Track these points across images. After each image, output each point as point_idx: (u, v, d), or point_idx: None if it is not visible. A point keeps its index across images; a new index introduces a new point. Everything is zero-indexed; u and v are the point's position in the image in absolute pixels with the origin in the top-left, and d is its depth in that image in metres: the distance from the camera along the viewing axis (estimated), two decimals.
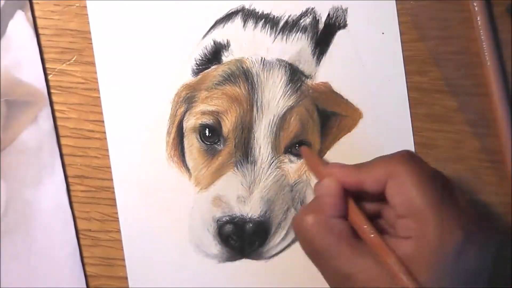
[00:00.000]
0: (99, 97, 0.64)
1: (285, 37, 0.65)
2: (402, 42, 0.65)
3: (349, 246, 0.53)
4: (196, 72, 0.65)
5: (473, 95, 0.66)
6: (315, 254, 0.55)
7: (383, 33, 0.65)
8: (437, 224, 0.51)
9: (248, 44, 0.65)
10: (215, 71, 0.64)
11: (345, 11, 0.65)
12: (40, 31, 0.64)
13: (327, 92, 0.65)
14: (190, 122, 0.64)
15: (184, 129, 0.65)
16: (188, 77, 0.64)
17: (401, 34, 0.65)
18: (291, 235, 0.64)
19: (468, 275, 0.51)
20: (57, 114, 0.64)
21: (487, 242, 0.52)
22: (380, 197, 0.54)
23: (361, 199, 0.56)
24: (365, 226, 0.54)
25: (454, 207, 0.52)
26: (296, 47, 0.65)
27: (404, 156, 0.55)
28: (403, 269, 0.50)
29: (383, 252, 0.52)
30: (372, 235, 0.53)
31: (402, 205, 0.52)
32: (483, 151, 0.66)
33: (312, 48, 0.65)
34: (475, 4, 0.65)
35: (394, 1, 0.65)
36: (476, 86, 0.66)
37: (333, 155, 0.64)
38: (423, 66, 0.65)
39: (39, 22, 0.64)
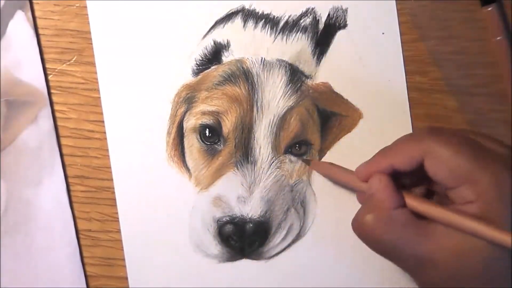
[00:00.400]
0: (99, 97, 0.64)
1: (285, 37, 0.65)
2: (402, 42, 0.65)
3: (416, 231, 0.54)
4: (196, 72, 0.65)
5: (473, 95, 0.66)
6: (387, 250, 0.55)
7: (383, 33, 0.65)
8: (490, 180, 0.52)
9: (248, 44, 0.65)
10: (215, 71, 0.64)
11: (345, 11, 0.65)
12: (40, 31, 0.64)
13: (327, 92, 0.65)
14: (190, 122, 0.64)
15: (184, 129, 0.65)
16: (188, 77, 0.64)
17: (401, 34, 0.65)
18: (291, 235, 0.64)
19: None
20: (57, 114, 0.64)
21: None
22: (416, 176, 0.56)
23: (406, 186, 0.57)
24: (426, 203, 0.54)
25: (495, 157, 0.53)
26: (296, 47, 0.65)
27: (429, 132, 0.56)
28: (479, 220, 0.51)
29: (454, 217, 0.53)
30: (436, 207, 0.54)
31: (449, 177, 0.53)
32: None
33: (312, 48, 0.65)
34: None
35: (394, 1, 0.65)
36: (476, 86, 0.66)
37: (333, 155, 0.64)
38: (423, 66, 0.65)
39: (39, 22, 0.64)
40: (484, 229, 0.51)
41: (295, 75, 0.64)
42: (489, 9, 0.64)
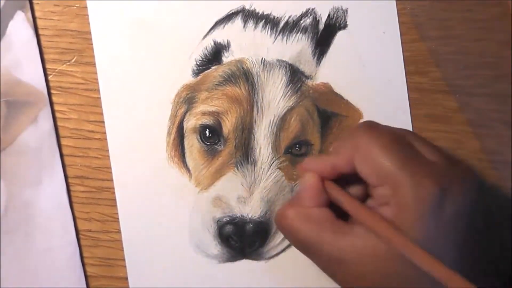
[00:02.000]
0: (99, 97, 0.64)
1: (285, 37, 0.65)
2: (402, 42, 0.66)
3: (332, 230, 0.54)
4: (197, 73, 0.65)
5: (473, 95, 0.66)
6: (302, 245, 0.56)
7: (384, 33, 0.65)
8: (410, 184, 0.51)
9: (249, 45, 0.65)
10: (215, 71, 0.65)
11: (345, 11, 0.65)
12: (40, 31, 0.65)
13: (328, 92, 0.65)
14: (191, 122, 0.64)
15: (184, 130, 0.65)
16: (188, 78, 0.65)
17: (401, 34, 0.65)
18: None
19: (452, 222, 0.52)
20: (57, 115, 0.64)
21: (466, 192, 0.53)
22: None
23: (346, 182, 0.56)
24: (346, 202, 0.54)
25: (423, 163, 0.53)
26: (296, 47, 0.65)
27: (363, 127, 0.56)
28: (391, 227, 0.51)
29: (369, 219, 0.52)
30: (354, 202, 0.54)
31: (372, 175, 0.53)
32: (483, 152, 0.66)
33: (313, 48, 0.65)
34: None
35: (394, 1, 0.66)
36: (476, 86, 0.66)
37: None
38: (423, 67, 0.66)
39: (39, 22, 0.64)
40: (386, 233, 0.51)
41: (295, 76, 0.65)
42: None
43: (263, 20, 0.65)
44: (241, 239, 0.63)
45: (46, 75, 0.64)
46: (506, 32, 0.65)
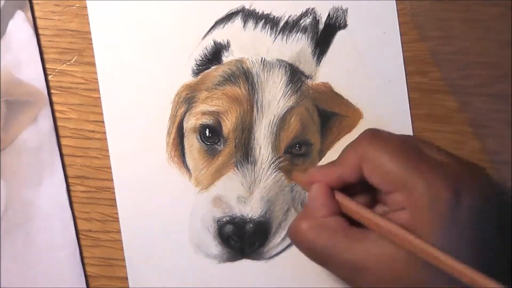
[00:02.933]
0: (99, 97, 0.64)
1: (285, 37, 0.65)
2: (402, 42, 0.66)
3: (347, 238, 0.54)
4: (197, 73, 0.65)
5: (473, 95, 0.66)
6: (319, 257, 0.55)
7: (384, 33, 0.65)
8: (424, 187, 0.51)
9: (248, 45, 0.65)
10: (215, 71, 0.65)
11: (345, 11, 0.65)
12: (40, 31, 0.65)
13: (328, 92, 0.65)
14: (191, 122, 0.65)
15: (184, 130, 0.65)
16: (188, 78, 0.65)
17: (401, 34, 0.65)
18: None
19: (468, 226, 0.52)
20: (57, 115, 0.64)
21: (480, 193, 0.53)
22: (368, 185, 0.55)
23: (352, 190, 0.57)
24: (358, 210, 0.54)
25: (433, 165, 0.53)
26: (296, 47, 0.65)
27: (368, 135, 0.56)
28: (406, 231, 0.51)
29: (382, 226, 0.52)
30: (367, 215, 0.54)
31: (384, 183, 0.53)
32: (483, 152, 0.66)
33: (312, 48, 0.65)
34: None
35: (394, 1, 0.66)
36: (476, 86, 0.66)
37: (333, 155, 0.64)
38: (423, 67, 0.66)
39: (39, 22, 0.65)
40: (406, 238, 0.51)
41: (295, 75, 0.65)
42: None
43: (263, 20, 0.65)
44: (241, 239, 0.63)
45: (46, 75, 0.64)
46: (506, 32, 0.65)
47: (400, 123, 0.65)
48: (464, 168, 0.54)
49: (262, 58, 0.65)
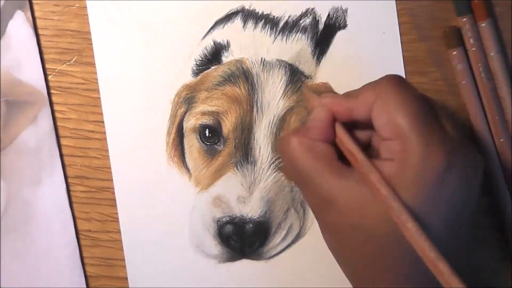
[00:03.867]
0: (99, 97, 0.64)
1: (285, 37, 0.65)
2: (402, 42, 0.65)
3: (330, 167, 0.53)
4: (196, 73, 0.65)
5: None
6: (297, 174, 0.55)
7: (384, 33, 0.65)
8: (420, 148, 0.51)
9: (248, 45, 0.65)
10: (215, 71, 0.65)
11: (345, 11, 0.65)
12: (40, 31, 0.65)
13: (327, 92, 0.65)
14: (190, 122, 0.65)
15: (184, 130, 0.65)
16: (188, 78, 0.65)
17: (401, 34, 0.65)
18: (291, 235, 0.64)
19: (450, 204, 0.51)
20: (57, 115, 0.64)
21: (471, 172, 0.52)
22: (371, 126, 0.55)
23: (354, 128, 0.56)
24: (349, 145, 0.54)
25: (439, 132, 0.52)
26: (296, 47, 0.65)
27: (391, 79, 0.55)
28: (385, 185, 0.50)
29: (365, 169, 0.52)
30: (355, 149, 0.53)
31: (386, 126, 0.52)
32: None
33: (312, 48, 0.65)
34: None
35: (394, 1, 0.65)
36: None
37: None
38: (423, 67, 0.66)
39: (39, 22, 0.65)
40: (382, 190, 0.50)
41: (295, 76, 0.65)
42: (454, 53, 0.64)
43: (263, 20, 0.65)
44: (241, 239, 0.63)
45: (46, 75, 0.64)
46: (506, 32, 0.65)
47: None
48: (467, 149, 0.53)
49: (262, 58, 0.65)
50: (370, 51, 0.65)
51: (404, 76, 0.65)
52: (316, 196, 0.54)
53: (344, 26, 0.65)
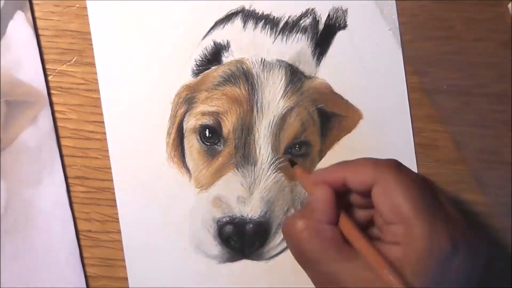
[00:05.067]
0: (99, 98, 0.64)
1: (285, 37, 0.65)
2: (402, 42, 0.66)
3: (338, 250, 0.54)
4: (196, 73, 0.65)
5: (473, 95, 0.66)
6: (304, 258, 0.55)
7: (384, 33, 0.66)
8: (425, 232, 0.51)
9: (248, 45, 0.65)
10: (215, 71, 0.65)
11: (345, 11, 0.65)
12: (40, 31, 0.65)
13: (327, 93, 0.65)
14: (190, 123, 0.65)
15: (184, 130, 0.65)
16: (188, 78, 0.65)
17: (401, 34, 0.66)
18: None
19: (455, 284, 0.52)
20: (57, 115, 0.65)
21: (475, 252, 0.53)
22: (368, 202, 0.55)
23: (352, 207, 0.56)
24: (354, 231, 0.54)
25: (442, 215, 0.52)
26: (296, 47, 0.65)
27: (392, 163, 0.55)
28: (392, 269, 0.51)
29: (371, 254, 0.52)
30: (361, 238, 0.53)
31: (390, 211, 0.53)
32: (483, 152, 0.66)
33: (312, 48, 0.65)
34: None
35: (394, 1, 0.66)
36: (476, 86, 0.66)
37: (333, 155, 0.65)
38: (423, 67, 0.66)
39: (39, 23, 0.65)
40: (384, 276, 0.51)
41: (295, 76, 0.65)
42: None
43: (263, 20, 0.65)
44: (241, 239, 0.64)
45: (46, 75, 0.64)
46: (506, 32, 0.66)
47: (400, 123, 0.65)
48: (470, 229, 0.54)
49: (262, 58, 0.65)
50: (370, 51, 0.66)
51: (404, 76, 0.66)
52: (325, 278, 0.54)
53: (344, 26, 0.65)
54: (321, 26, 0.65)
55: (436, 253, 0.51)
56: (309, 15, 0.65)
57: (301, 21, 0.65)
